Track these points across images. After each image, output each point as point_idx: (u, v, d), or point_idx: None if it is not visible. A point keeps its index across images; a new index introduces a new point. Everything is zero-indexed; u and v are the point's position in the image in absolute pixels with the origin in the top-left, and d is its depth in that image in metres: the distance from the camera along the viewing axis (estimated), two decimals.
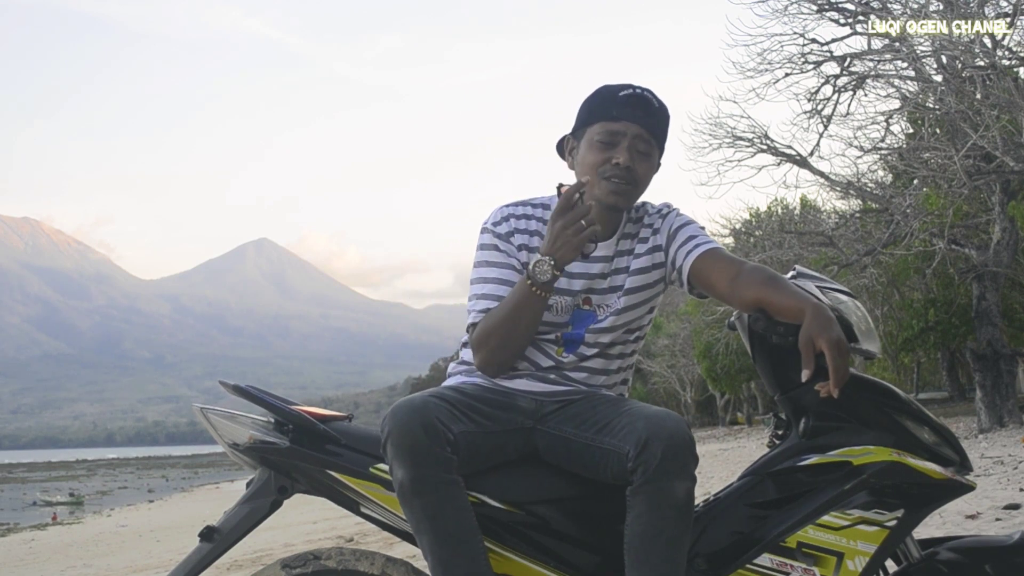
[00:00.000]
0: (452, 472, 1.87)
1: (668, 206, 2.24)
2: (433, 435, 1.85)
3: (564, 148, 2.25)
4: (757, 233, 19.42)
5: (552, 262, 1.97)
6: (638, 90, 2.13)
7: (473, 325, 2.12)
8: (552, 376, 2.13)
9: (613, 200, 2.11)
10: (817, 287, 2.10)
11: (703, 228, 2.21)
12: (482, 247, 2.18)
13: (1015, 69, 12.80)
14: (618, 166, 2.09)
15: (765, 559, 1.98)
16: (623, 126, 2.10)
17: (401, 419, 1.86)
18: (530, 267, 1.99)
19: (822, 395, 1.87)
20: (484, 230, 2.20)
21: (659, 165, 2.20)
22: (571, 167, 2.23)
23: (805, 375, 1.87)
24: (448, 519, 1.86)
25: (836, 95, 14.45)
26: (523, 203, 2.22)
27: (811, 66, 14.25)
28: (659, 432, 1.84)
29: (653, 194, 2.24)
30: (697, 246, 2.14)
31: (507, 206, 2.21)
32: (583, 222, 1.95)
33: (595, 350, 2.15)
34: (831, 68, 14.35)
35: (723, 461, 17.91)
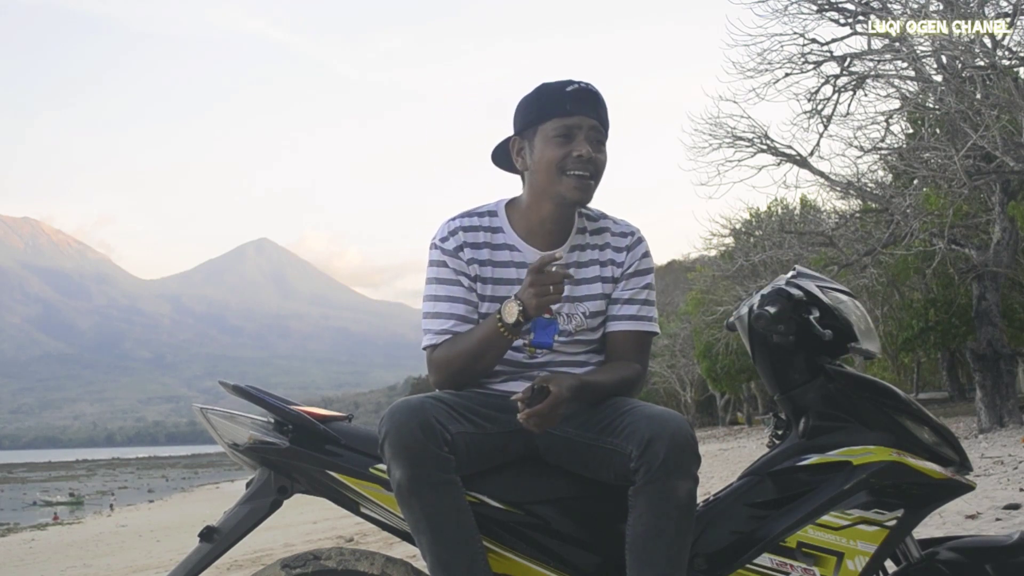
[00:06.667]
0: (450, 472, 1.87)
1: (636, 237, 2.22)
2: (431, 435, 1.85)
3: (512, 151, 2.19)
4: (757, 233, 19.42)
5: (521, 308, 1.98)
6: (583, 84, 2.13)
7: (432, 347, 2.13)
8: (541, 373, 2.12)
9: (577, 196, 2.10)
10: (817, 287, 2.10)
11: (653, 285, 2.23)
12: (431, 264, 2.17)
13: (1015, 69, 12.79)
14: (581, 158, 2.07)
15: (765, 559, 1.98)
16: (578, 120, 2.09)
17: (399, 419, 1.86)
18: (501, 307, 2.00)
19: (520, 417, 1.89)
20: (433, 246, 2.18)
21: None
22: (523, 169, 2.17)
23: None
24: (446, 519, 1.86)
25: (836, 95, 14.46)
26: (469, 214, 2.20)
27: (811, 66, 14.27)
28: (662, 432, 1.85)
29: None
30: (639, 320, 2.18)
31: (454, 219, 2.19)
32: (553, 288, 1.95)
33: (569, 356, 2.16)
34: (831, 68, 14.37)
35: (723, 461, 17.88)
